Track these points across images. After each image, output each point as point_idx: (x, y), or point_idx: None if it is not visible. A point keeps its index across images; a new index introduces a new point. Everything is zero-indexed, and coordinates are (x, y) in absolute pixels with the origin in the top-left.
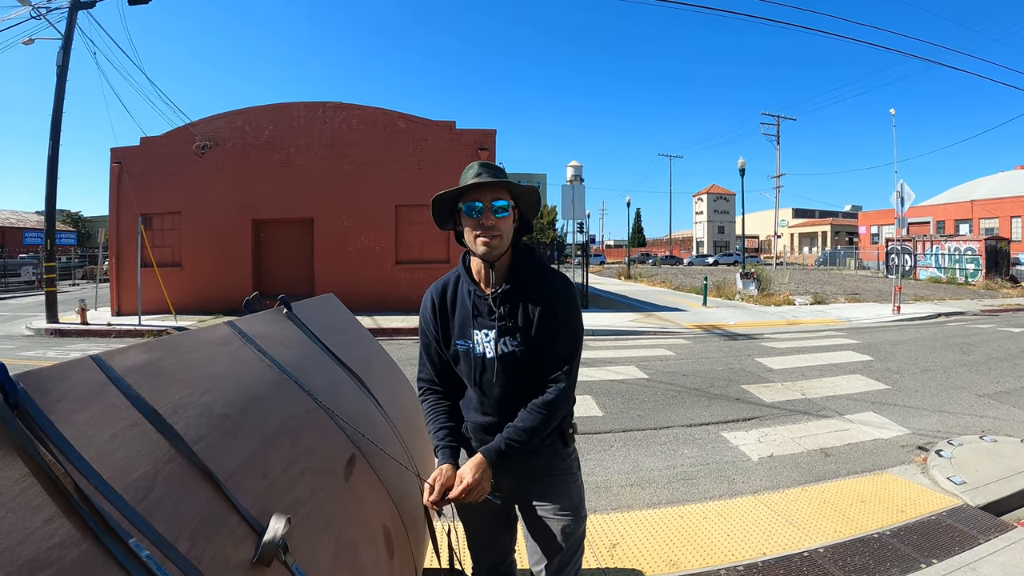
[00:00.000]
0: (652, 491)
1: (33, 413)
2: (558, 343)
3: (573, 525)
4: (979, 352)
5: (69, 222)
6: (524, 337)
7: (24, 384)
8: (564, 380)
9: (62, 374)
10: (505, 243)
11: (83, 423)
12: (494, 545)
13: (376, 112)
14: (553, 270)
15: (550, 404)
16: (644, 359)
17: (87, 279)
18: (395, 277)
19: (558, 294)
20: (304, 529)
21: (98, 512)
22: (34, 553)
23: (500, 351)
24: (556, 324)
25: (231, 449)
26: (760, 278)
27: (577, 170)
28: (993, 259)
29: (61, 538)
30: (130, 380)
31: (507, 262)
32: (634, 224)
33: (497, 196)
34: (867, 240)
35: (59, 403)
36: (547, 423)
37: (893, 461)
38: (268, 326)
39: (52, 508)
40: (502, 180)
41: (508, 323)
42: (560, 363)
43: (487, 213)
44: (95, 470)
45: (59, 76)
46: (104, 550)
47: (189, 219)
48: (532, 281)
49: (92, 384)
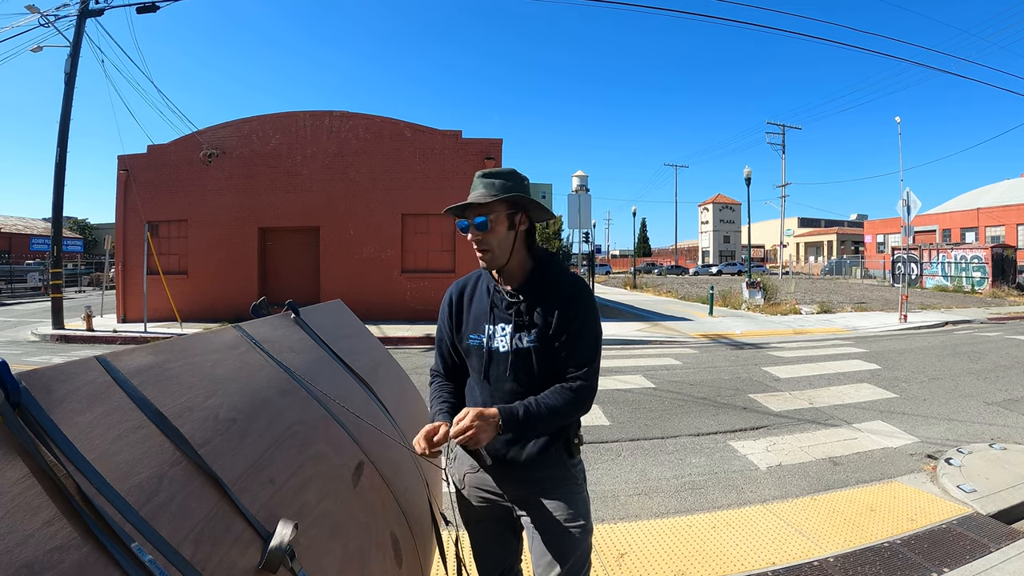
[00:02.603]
0: (660, 500)
1: (35, 412)
2: (577, 346)
3: (579, 537)
4: (987, 360)
5: (76, 229)
6: (540, 335)
7: (26, 383)
8: (585, 381)
9: (66, 374)
10: (500, 253)
11: (86, 424)
12: (500, 555)
13: (383, 121)
14: (574, 277)
15: (577, 391)
16: (651, 368)
17: (93, 286)
18: (401, 286)
19: (578, 297)
20: (311, 536)
21: (100, 514)
22: (33, 556)
23: (515, 346)
24: (575, 326)
25: (237, 453)
26: (766, 287)
27: (583, 180)
28: (1000, 267)
29: (61, 541)
30: (135, 382)
31: (524, 266)
32: (640, 234)
33: (477, 213)
34: (873, 249)
35: (62, 403)
36: (569, 409)
37: (902, 470)
38: (276, 331)
39: (52, 510)
40: (475, 202)
41: (525, 319)
42: (580, 365)
43: (472, 230)
44: (97, 472)
45: (67, 83)
46: (105, 553)
47: (195, 227)
48: (552, 284)
49: (96, 385)
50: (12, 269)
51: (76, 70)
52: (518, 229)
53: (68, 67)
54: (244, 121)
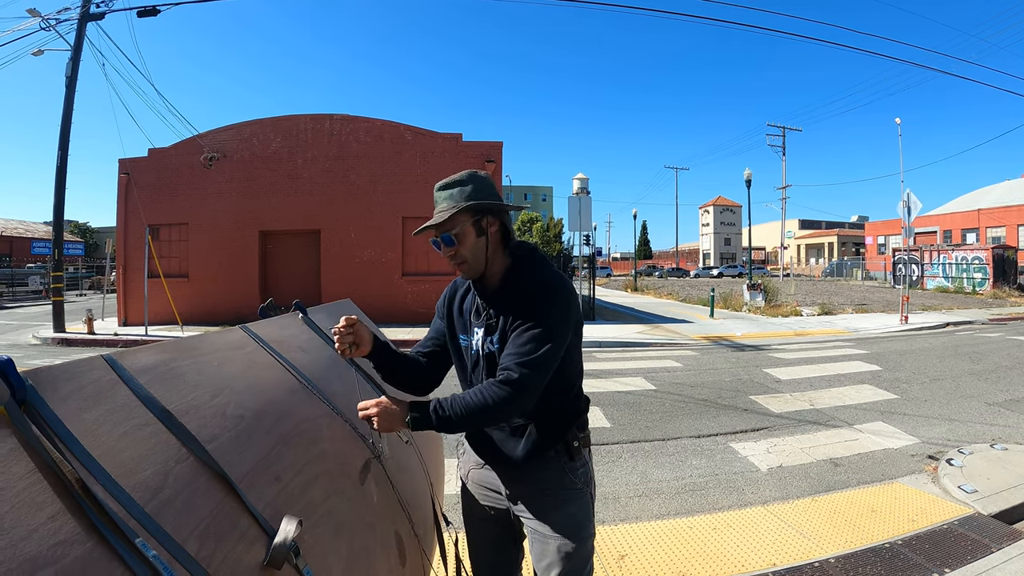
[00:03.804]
0: (660, 502)
1: (41, 409)
2: (519, 337)
3: (579, 543)
4: (988, 361)
5: (77, 232)
6: (501, 337)
7: (33, 381)
8: (514, 371)
9: (72, 373)
10: (476, 262)
11: (91, 421)
12: (496, 560)
13: (383, 124)
14: (543, 272)
15: (503, 383)
16: (651, 370)
17: (94, 289)
18: (402, 289)
19: (534, 296)
20: (317, 533)
21: (104, 510)
22: (37, 550)
23: (486, 349)
24: (521, 321)
25: (244, 450)
26: (767, 289)
27: (583, 182)
28: (1001, 268)
29: (65, 536)
30: (142, 380)
31: (502, 268)
32: (640, 236)
33: (442, 230)
34: (874, 250)
35: (67, 401)
36: (494, 405)
37: (903, 470)
38: (284, 331)
39: (57, 505)
40: (435, 223)
41: (492, 322)
42: (515, 356)
43: (442, 247)
44: (103, 468)
45: (68, 87)
46: (109, 549)
47: (196, 230)
48: (520, 284)
49: (102, 383)
50: (13, 272)
51: (77, 74)
52: (488, 232)
53: (69, 71)
54: (245, 124)
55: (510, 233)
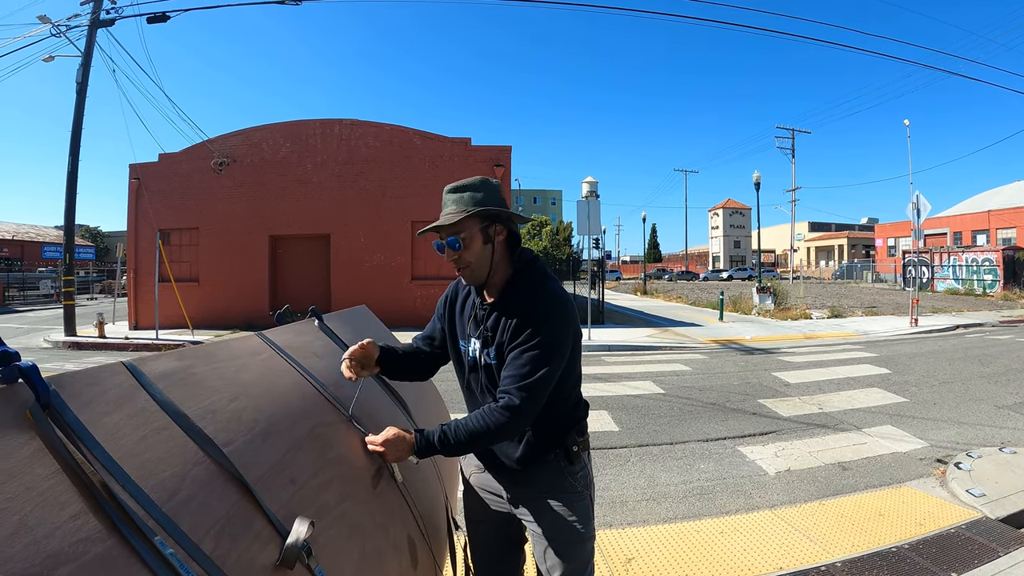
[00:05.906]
0: (668, 506)
1: (63, 413)
2: (519, 358)
3: (580, 545)
4: (998, 364)
5: (88, 237)
6: (498, 352)
7: (56, 386)
8: (515, 397)
9: (93, 378)
10: (479, 268)
11: (112, 424)
12: (495, 563)
13: (392, 129)
14: (542, 286)
15: (502, 409)
16: (660, 374)
17: (105, 293)
18: (411, 293)
19: (531, 316)
20: (330, 535)
21: (124, 510)
22: (59, 547)
23: (484, 361)
24: (520, 340)
25: (260, 454)
26: (776, 292)
27: (592, 186)
28: (1011, 269)
29: (86, 533)
30: (161, 385)
31: (504, 279)
32: (650, 239)
33: (449, 233)
34: (884, 253)
35: (89, 405)
36: (495, 430)
37: (912, 474)
38: (300, 337)
39: (79, 504)
40: (443, 224)
41: (489, 334)
42: (514, 379)
43: (447, 250)
44: (123, 469)
45: (79, 93)
46: (128, 547)
47: (207, 235)
48: (515, 296)
49: (123, 388)
50: (25, 276)
51: (88, 80)
52: (495, 240)
53: (79, 77)
54: (255, 129)
55: (517, 243)
